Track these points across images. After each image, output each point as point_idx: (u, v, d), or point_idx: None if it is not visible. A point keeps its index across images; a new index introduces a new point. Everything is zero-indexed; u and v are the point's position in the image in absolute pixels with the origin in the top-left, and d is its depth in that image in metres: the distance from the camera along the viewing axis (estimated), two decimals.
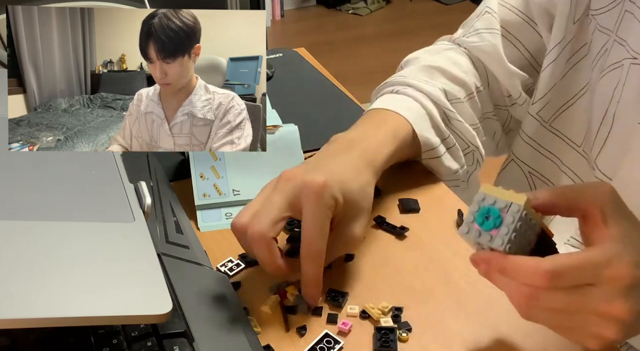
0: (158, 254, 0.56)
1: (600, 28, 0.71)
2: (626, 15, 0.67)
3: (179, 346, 0.51)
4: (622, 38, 0.68)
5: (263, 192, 0.61)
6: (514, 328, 0.58)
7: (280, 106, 0.89)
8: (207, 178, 0.72)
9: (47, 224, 0.52)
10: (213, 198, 0.72)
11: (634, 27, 0.66)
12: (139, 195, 0.60)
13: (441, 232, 0.70)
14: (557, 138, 0.80)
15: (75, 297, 0.45)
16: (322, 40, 3.52)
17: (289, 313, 0.60)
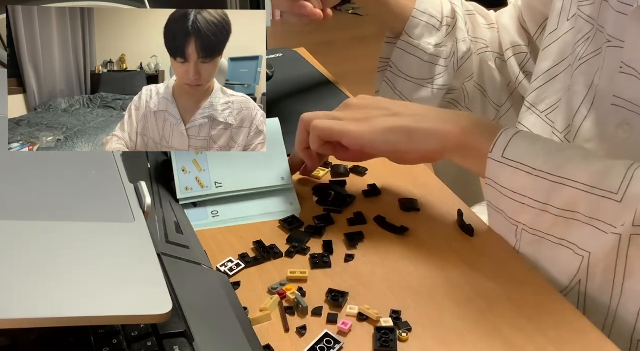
0: (158, 254, 0.56)
1: (587, 18, 0.75)
2: (603, 4, 0.72)
3: (179, 346, 0.51)
4: (601, 25, 0.72)
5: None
6: (514, 328, 0.58)
7: (280, 106, 0.89)
8: (189, 172, 0.72)
9: (47, 224, 0.52)
10: (195, 191, 0.72)
11: (610, 14, 0.70)
12: (139, 195, 0.60)
13: (441, 232, 0.70)
14: (547, 126, 0.82)
15: (75, 297, 0.45)
16: (322, 40, 3.52)
17: (289, 313, 0.60)
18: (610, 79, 0.70)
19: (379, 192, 0.75)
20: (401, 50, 0.93)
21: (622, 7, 0.68)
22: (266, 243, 0.68)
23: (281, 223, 0.71)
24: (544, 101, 0.83)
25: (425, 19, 0.90)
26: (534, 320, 0.58)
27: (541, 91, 0.83)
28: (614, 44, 0.70)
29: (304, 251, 0.67)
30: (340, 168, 0.79)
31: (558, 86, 0.81)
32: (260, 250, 0.67)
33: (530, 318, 0.59)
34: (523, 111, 0.86)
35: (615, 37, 0.70)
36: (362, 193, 0.76)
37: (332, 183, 0.77)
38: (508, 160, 0.63)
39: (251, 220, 0.71)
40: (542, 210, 0.62)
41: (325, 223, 0.71)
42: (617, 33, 0.69)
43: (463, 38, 0.93)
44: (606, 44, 0.71)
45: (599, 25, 0.73)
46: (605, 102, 0.70)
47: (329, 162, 0.80)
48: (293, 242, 0.68)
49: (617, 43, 0.69)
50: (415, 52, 0.92)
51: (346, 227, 0.71)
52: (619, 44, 0.69)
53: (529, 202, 0.62)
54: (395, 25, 0.93)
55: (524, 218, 0.64)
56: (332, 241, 0.68)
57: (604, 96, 0.71)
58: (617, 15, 0.69)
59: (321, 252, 0.67)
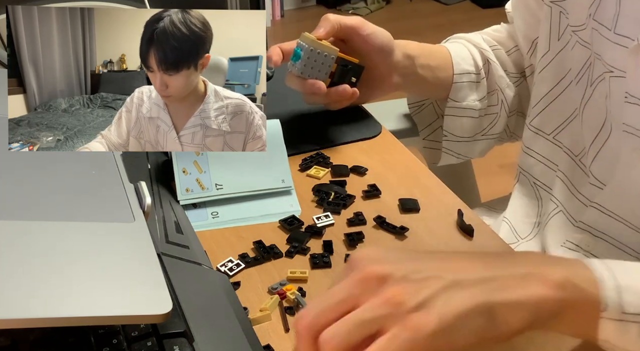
0: (158, 254, 0.56)
1: (583, 43, 0.74)
2: (593, 33, 0.71)
3: (179, 346, 0.51)
4: (597, 53, 0.71)
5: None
6: None
7: (280, 106, 0.89)
8: (190, 173, 0.72)
9: (47, 224, 0.52)
10: (196, 193, 0.72)
11: (605, 43, 0.69)
12: (139, 195, 0.60)
13: (441, 232, 0.70)
14: (557, 148, 0.81)
15: (75, 297, 0.45)
16: None
17: (289, 313, 0.60)
18: (618, 107, 0.69)
19: (379, 192, 0.75)
20: (452, 116, 0.90)
21: (620, 39, 0.67)
22: (266, 243, 0.68)
23: (281, 223, 0.71)
24: (549, 123, 0.82)
25: (465, 79, 0.88)
26: None
27: (545, 114, 0.82)
28: (617, 74, 0.68)
29: (304, 251, 0.67)
30: (340, 168, 0.79)
31: (561, 107, 0.80)
32: (260, 250, 0.67)
33: None
34: (529, 135, 0.84)
35: (616, 67, 0.68)
36: (362, 193, 0.76)
37: (332, 183, 0.77)
38: (630, 314, 0.48)
39: (251, 222, 0.71)
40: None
41: (325, 223, 0.71)
42: (617, 63, 0.68)
43: (507, 84, 0.91)
44: (609, 74, 0.69)
45: (595, 53, 0.72)
46: (617, 128, 0.69)
47: (329, 162, 0.80)
48: (293, 242, 0.68)
49: (619, 73, 0.68)
50: (466, 112, 0.89)
51: (346, 227, 0.71)
52: (621, 74, 0.68)
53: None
54: (439, 95, 0.91)
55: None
56: (332, 241, 0.68)
57: (616, 122, 0.69)
58: (615, 46, 0.68)
59: (321, 252, 0.67)
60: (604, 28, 0.69)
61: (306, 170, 0.79)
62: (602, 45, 0.70)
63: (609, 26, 0.68)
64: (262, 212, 0.72)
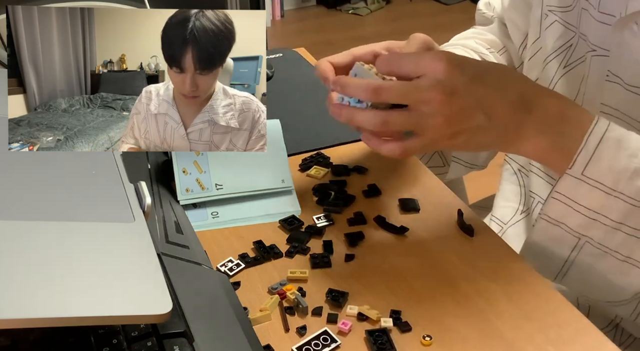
0: (158, 254, 0.56)
1: (564, 23, 0.75)
2: (583, 13, 0.72)
3: (179, 346, 0.51)
4: (583, 34, 0.72)
5: None
6: (514, 328, 0.58)
7: (280, 106, 0.89)
8: (190, 173, 0.72)
9: (47, 224, 0.52)
10: (196, 193, 0.72)
11: (591, 23, 0.70)
12: (139, 195, 0.60)
13: (441, 232, 0.70)
14: None
15: (75, 297, 0.45)
16: (322, 40, 3.52)
17: (289, 313, 0.60)
18: (596, 87, 0.70)
19: (379, 192, 0.75)
20: None
21: (603, 18, 0.68)
22: (266, 243, 0.68)
23: (281, 223, 0.71)
24: None
25: None
26: (534, 320, 0.58)
27: None
28: (599, 53, 0.69)
29: (304, 251, 0.67)
30: (341, 168, 0.79)
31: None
32: (260, 250, 0.67)
33: (530, 318, 0.59)
34: None
35: (599, 46, 0.69)
36: (362, 193, 0.76)
37: (332, 183, 0.77)
38: (588, 178, 0.59)
39: (251, 222, 0.71)
40: (615, 228, 0.60)
41: (325, 223, 0.71)
42: (601, 42, 0.69)
43: None
44: (591, 53, 0.71)
45: (581, 33, 0.72)
46: (592, 110, 0.70)
47: (329, 162, 0.80)
48: (293, 242, 0.68)
49: (602, 52, 0.69)
50: None
51: (346, 227, 0.71)
52: (604, 52, 0.69)
53: (602, 219, 0.60)
54: None
55: (592, 233, 0.62)
56: (332, 241, 0.68)
57: (591, 104, 0.70)
58: (599, 25, 0.69)
59: (321, 252, 0.67)
60: (591, 7, 0.70)
61: (306, 170, 0.79)
62: (589, 25, 0.70)
63: (595, 4, 0.69)
64: (262, 212, 0.72)
